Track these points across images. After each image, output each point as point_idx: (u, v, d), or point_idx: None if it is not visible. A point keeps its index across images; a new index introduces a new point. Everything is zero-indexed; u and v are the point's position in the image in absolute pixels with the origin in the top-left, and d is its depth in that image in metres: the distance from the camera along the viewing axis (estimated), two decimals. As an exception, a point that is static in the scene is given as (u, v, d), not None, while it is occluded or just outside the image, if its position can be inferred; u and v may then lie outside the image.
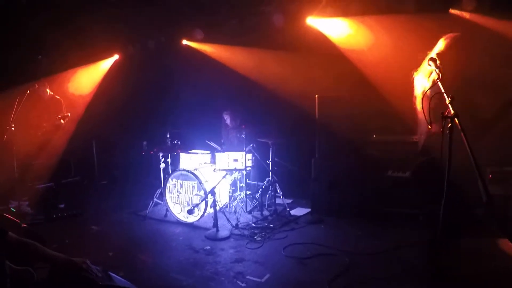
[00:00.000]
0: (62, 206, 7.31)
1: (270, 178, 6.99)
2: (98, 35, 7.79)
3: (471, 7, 5.73)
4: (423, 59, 3.67)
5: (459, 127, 2.72)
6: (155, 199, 7.03)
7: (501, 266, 3.64)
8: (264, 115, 7.89)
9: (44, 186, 7.43)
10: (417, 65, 4.03)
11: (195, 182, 6.45)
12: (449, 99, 2.86)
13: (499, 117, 3.07)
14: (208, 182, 6.45)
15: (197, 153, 7.33)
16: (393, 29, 6.12)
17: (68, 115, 7.01)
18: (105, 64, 9.11)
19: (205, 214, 6.42)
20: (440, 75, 3.07)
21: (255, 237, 5.81)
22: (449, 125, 2.77)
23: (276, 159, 7.04)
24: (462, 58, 3.72)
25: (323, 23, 6.89)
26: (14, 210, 6.63)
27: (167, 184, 6.75)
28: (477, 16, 5.71)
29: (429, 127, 2.95)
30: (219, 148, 7.11)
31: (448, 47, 3.76)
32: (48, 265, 2.71)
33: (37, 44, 7.91)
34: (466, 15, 5.78)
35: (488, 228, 3.85)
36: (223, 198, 6.97)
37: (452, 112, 2.79)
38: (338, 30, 6.83)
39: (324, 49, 6.98)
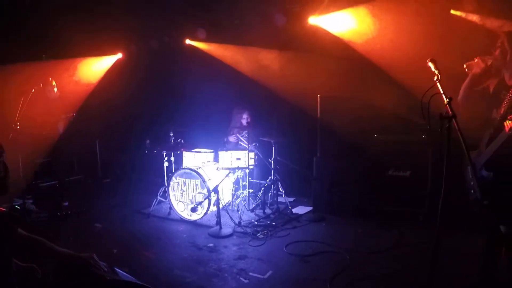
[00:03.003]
0: (66, 204, 7.35)
1: (272, 176, 7.05)
2: (101, 35, 7.82)
3: (472, 7, 5.77)
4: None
5: (457, 127, 2.79)
6: (158, 197, 7.09)
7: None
8: (267, 114, 7.94)
9: (48, 184, 7.50)
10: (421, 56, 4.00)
11: (199, 180, 6.52)
12: (447, 100, 2.94)
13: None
14: (211, 181, 6.51)
15: (200, 152, 7.39)
16: (399, 18, 6.09)
17: (72, 115, 7.07)
18: (108, 61, 9.13)
19: (208, 212, 6.49)
20: (439, 76, 3.13)
21: (258, 234, 5.88)
22: (447, 125, 2.84)
23: (278, 158, 7.10)
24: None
25: (326, 20, 6.88)
26: (19, 208, 6.71)
27: (171, 183, 6.81)
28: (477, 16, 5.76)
29: (428, 127, 3.02)
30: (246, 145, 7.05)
31: None
32: (55, 261, 2.78)
33: (40, 44, 7.93)
34: (467, 15, 5.83)
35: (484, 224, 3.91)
36: (226, 196, 7.02)
37: (451, 112, 2.86)
38: (341, 23, 6.80)
39: (326, 48, 7.01)
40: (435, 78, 3.12)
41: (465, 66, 3.69)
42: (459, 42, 5.34)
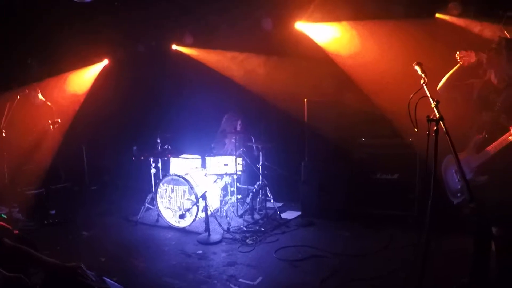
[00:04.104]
0: (53, 212, 7.27)
1: (260, 182, 7.04)
2: (88, 40, 7.80)
3: (457, 12, 5.83)
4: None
5: (444, 130, 2.81)
6: (146, 204, 7.02)
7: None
8: (254, 119, 7.94)
9: (35, 192, 7.41)
10: (402, 69, 4.06)
11: (186, 186, 6.48)
12: (434, 103, 2.96)
13: None
14: (199, 187, 6.48)
15: (187, 158, 7.35)
16: (381, 35, 6.22)
17: (58, 121, 6.98)
18: (95, 69, 9.10)
19: (197, 218, 6.44)
20: (426, 79, 3.15)
21: (247, 240, 5.85)
22: (435, 128, 2.86)
23: (266, 163, 7.10)
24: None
25: (311, 28, 6.96)
26: (5, 216, 6.62)
27: (158, 189, 6.76)
28: (462, 20, 5.82)
29: (416, 130, 3.03)
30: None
31: None
32: (42, 270, 2.74)
33: (26, 49, 7.88)
34: (451, 19, 5.89)
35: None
36: (214, 202, 6.96)
37: (438, 115, 2.88)
38: (326, 35, 6.91)
39: (313, 53, 7.05)
40: (422, 81, 3.15)
41: (457, 53, 3.72)
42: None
